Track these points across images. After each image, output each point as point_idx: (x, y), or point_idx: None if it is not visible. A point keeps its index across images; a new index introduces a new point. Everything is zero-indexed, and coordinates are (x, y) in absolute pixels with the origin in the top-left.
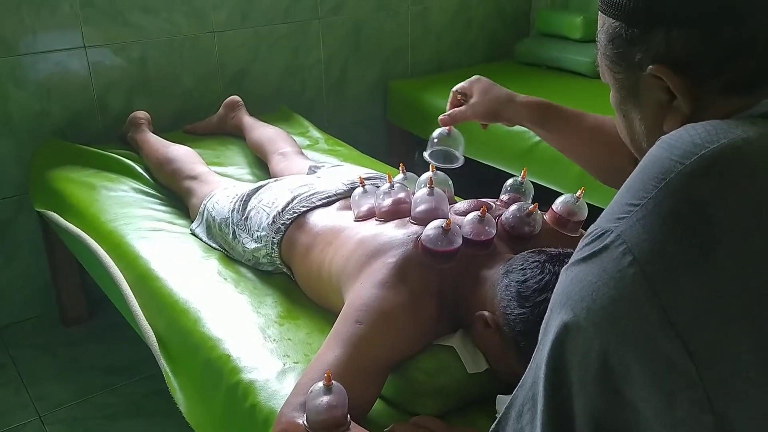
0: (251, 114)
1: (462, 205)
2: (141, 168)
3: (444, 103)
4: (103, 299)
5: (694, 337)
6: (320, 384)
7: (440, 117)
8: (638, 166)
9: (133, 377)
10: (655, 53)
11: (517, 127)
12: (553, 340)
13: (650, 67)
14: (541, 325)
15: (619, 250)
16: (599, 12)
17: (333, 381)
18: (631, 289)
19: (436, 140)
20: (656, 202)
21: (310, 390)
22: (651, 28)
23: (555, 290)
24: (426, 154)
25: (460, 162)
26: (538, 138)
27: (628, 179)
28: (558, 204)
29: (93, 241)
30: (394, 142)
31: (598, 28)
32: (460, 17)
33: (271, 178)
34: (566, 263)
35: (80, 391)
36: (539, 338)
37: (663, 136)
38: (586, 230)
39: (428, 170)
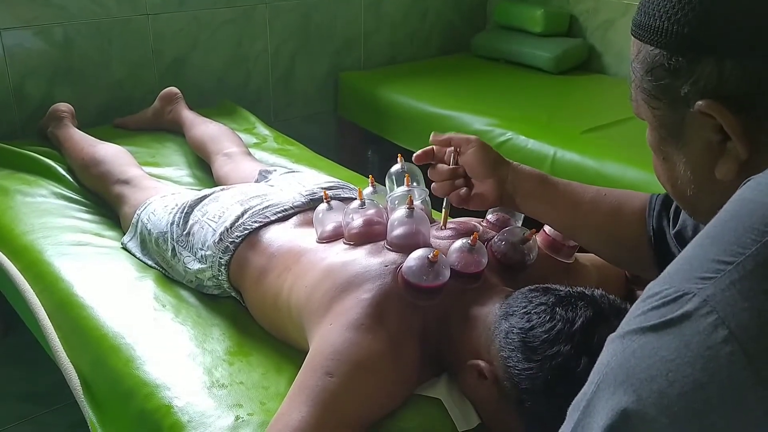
0: (190, 108)
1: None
2: (63, 169)
3: (397, 97)
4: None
5: None
6: None
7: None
8: (725, 212)
9: (54, 405)
10: (704, 87)
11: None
12: (605, 427)
13: (699, 103)
14: (551, 381)
15: (708, 320)
16: (633, 37)
17: None
18: (727, 374)
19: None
20: (759, 260)
21: None
22: (699, 57)
23: (604, 361)
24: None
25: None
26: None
27: (710, 228)
28: None
29: (5, 258)
30: (344, 136)
31: (632, 56)
32: (415, 8)
33: (214, 180)
34: (580, 307)
35: None
36: (575, 417)
37: (756, 177)
38: (576, 253)
39: (397, 167)
